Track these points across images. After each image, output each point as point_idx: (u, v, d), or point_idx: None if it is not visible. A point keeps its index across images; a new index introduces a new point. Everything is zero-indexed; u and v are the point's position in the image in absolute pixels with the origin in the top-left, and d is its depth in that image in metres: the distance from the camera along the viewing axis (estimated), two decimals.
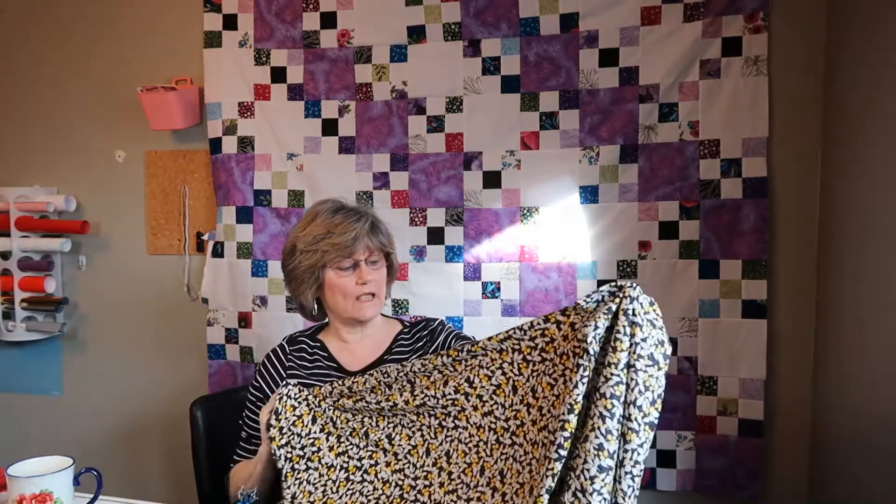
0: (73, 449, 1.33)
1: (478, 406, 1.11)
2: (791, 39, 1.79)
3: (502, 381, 1.09)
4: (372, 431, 1.21)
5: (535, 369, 1.06)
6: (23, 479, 1.11)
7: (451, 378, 1.13)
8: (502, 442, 1.08)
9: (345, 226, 1.35)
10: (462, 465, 1.11)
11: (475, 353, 1.12)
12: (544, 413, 1.03)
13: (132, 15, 2.27)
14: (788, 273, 1.83)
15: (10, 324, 2.31)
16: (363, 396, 1.19)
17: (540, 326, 1.06)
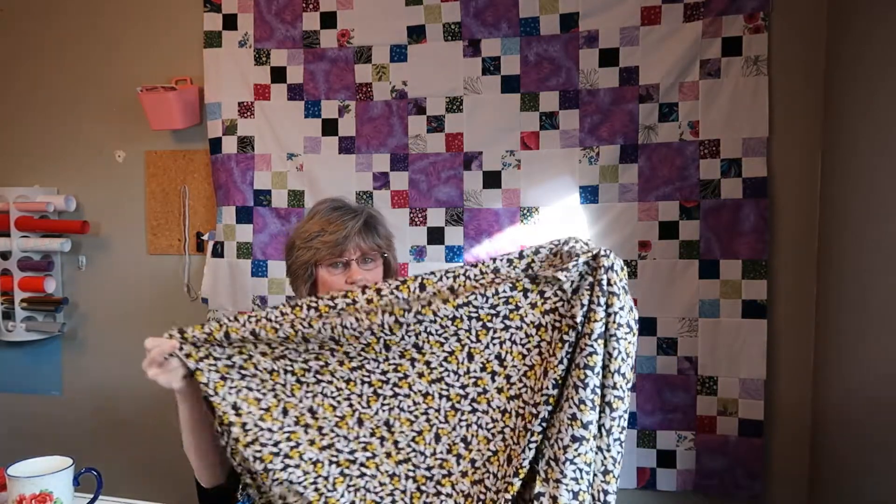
0: (73, 449, 1.33)
1: (424, 373, 1.05)
2: (791, 39, 1.79)
3: (456, 347, 1.04)
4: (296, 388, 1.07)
5: (498, 336, 1.03)
6: (23, 479, 1.11)
7: (393, 343, 1.04)
8: (459, 409, 1.05)
9: (337, 224, 1.35)
10: (410, 433, 1.05)
11: (423, 317, 1.02)
12: (513, 382, 1.02)
13: (132, 15, 2.27)
14: (788, 273, 1.83)
15: (10, 324, 2.31)
16: (285, 355, 1.07)
17: (504, 294, 1.01)
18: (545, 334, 1.01)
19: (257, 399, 1.05)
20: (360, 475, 1.05)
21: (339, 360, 1.06)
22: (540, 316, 1.01)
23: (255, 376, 1.05)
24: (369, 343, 1.03)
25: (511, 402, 1.02)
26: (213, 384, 1.04)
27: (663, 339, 1.89)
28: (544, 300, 1.00)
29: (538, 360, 1.01)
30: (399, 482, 1.05)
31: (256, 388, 1.05)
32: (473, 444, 1.03)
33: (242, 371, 1.05)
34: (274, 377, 1.06)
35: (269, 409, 1.05)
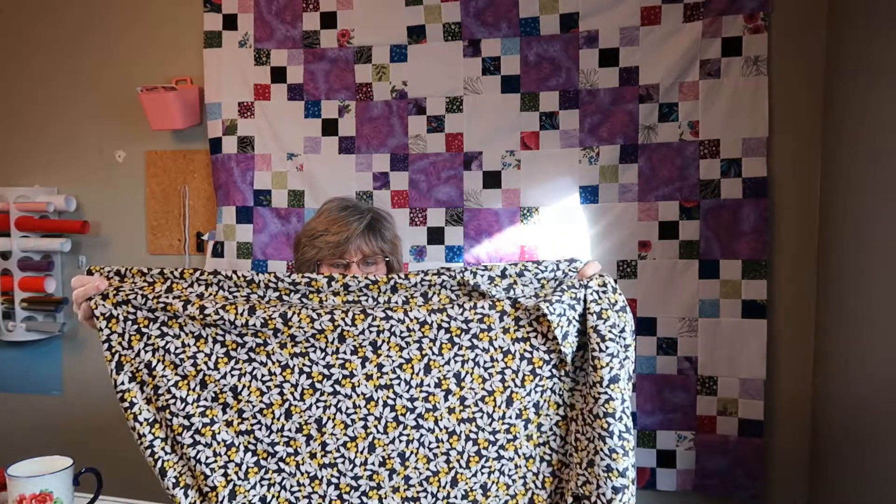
0: (73, 449, 1.33)
1: (373, 376, 0.96)
2: (791, 39, 1.79)
3: (415, 356, 0.95)
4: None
5: (462, 354, 0.95)
6: (23, 479, 1.11)
7: (350, 335, 0.95)
8: (402, 422, 0.96)
9: (341, 225, 1.34)
10: (342, 437, 0.97)
11: (392, 314, 0.94)
12: (468, 404, 0.96)
13: (132, 15, 2.27)
14: (788, 273, 1.83)
15: (10, 324, 2.31)
16: (217, 323, 0.96)
17: (480, 311, 0.93)
18: (511, 362, 0.95)
19: (174, 364, 0.95)
20: (277, 470, 0.97)
21: (282, 343, 0.95)
22: (510, 342, 0.95)
23: (178, 338, 0.95)
24: (323, 329, 0.94)
25: (462, 425, 0.96)
26: (129, 336, 0.96)
27: (663, 339, 1.89)
28: (518, 327, 0.95)
29: (499, 387, 0.95)
30: (319, 486, 0.97)
31: (175, 352, 0.95)
32: (411, 461, 0.97)
33: (164, 329, 0.95)
34: (199, 344, 0.96)
35: (185, 378, 0.95)
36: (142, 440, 0.96)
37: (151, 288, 0.96)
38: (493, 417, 0.96)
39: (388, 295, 0.96)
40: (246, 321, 0.94)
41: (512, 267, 0.95)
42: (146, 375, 0.95)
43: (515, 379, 0.95)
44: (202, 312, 0.94)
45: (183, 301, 0.95)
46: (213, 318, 0.94)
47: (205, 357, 0.96)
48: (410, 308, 0.94)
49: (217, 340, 0.96)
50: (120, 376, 0.96)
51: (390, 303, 0.96)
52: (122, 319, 0.96)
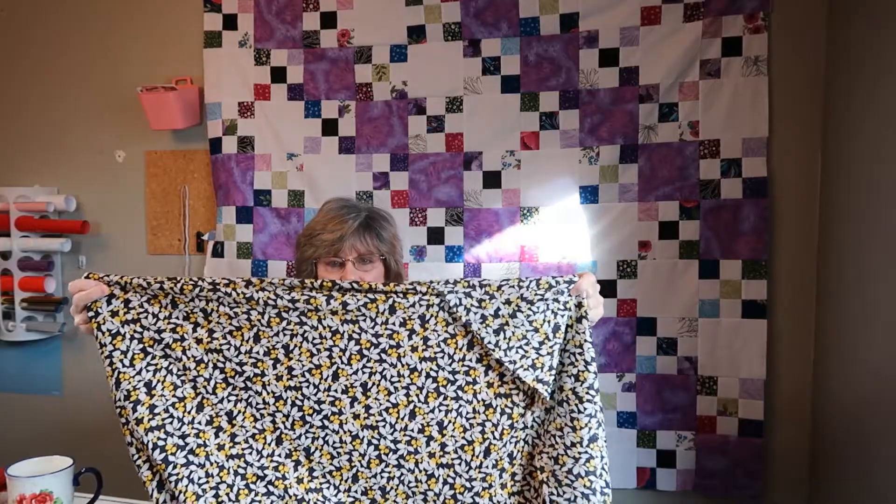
0: (73, 449, 1.33)
1: (360, 415, 1.00)
2: (791, 39, 1.79)
3: (402, 401, 1.00)
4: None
5: (446, 405, 1.00)
6: (23, 479, 1.11)
7: (344, 374, 0.99)
8: (385, 460, 1.02)
9: (337, 223, 1.35)
10: (328, 466, 1.03)
11: (386, 358, 0.99)
12: (448, 451, 1.01)
13: (132, 15, 2.27)
14: (788, 273, 1.83)
15: (10, 324, 2.31)
16: (221, 350, 0.99)
17: (468, 364, 0.99)
18: (492, 416, 1.00)
19: (174, 385, 0.99)
20: (266, 493, 1.01)
21: (278, 375, 1.00)
22: (493, 397, 1.00)
23: (180, 361, 0.99)
24: (320, 366, 0.99)
25: (441, 469, 1.01)
26: (132, 355, 0.97)
27: (663, 339, 1.89)
28: (502, 383, 1.00)
29: (479, 437, 1.01)
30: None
31: (177, 374, 0.99)
32: (391, 496, 1.03)
33: (168, 351, 0.98)
34: (199, 369, 0.99)
35: (183, 400, 0.99)
36: (138, 455, 1.00)
37: (158, 303, 0.99)
38: (470, 466, 1.01)
39: (386, 316, 0.98)
40: (250, 348, 0.99)
41: (506, 307, 0.97)
42: (143, 394, 0.98)
43: (495, 432, 1.01)
44: (210, 336, 0.99)
45: (192, 324, 0.98)
46: (220, 343, 0.99)
47: (204, 381, 1.00)
48: (403, 354, 0.99)
49: (217, 367, 1.00)
50: (118, 392, 0.98)
51: (388, 324, 0.98)
52: (129, 338, 0.98)
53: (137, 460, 0.99)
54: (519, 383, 1.00)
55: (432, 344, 0.99)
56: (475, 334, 0.98)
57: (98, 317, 0.98)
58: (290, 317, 0.98)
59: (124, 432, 0.99)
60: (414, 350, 0.99)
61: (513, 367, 0.97)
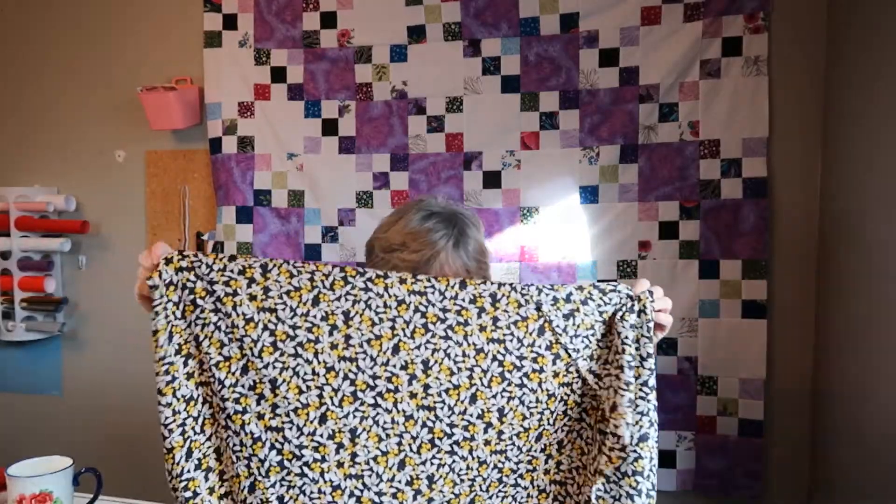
0: (73, 449, 1.33)
1: (417, 395, 0.93)
2: (791, 39, 1.79)
3: (464, 384, 0.93)
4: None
5: (509, 391, 0.95)
6: (23, 479, 1.11)
7: (406, 348, 0.93)
8: (437, 445, 0.95)
9: (422, 242, 1.12)
10: (374, 451, 0.95)
11: (452, 335, 0.92)
12: (504, 438, 0.96)
13: (132, 15, 2.27)
14: (788, 273, 1.83)
15: (10, 324, 2.31)
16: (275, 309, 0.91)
17: (537, 350, 0.95)
18: (552, 404, 0.96)
19: (221, 343, 0.91)
20: (300, 474, 0.93)
21: (333, 343, 0.91)
22: (556, 387, 0.95)
23: (229, 317, 0.90)
24: (380, 336, 0.92)
25: (493, 456, 0.96)
26: (184, 306, 0.91)
27: (663, 339, 1.89)
28: (567, 373, 0.96)
29: (535, 425, 0.96)
30: (340, 497, 0.94)
31: (224, 330, 0.90)
32: (437, 485, 0.96)
33: (219, 305, 0.90)
34: (248, 328, 0.90)
35: (228, 360, 0.91)
36: (174, 417, 0.92)
37: (216, 256, 0.91)
38: (521, 451, 0.97)
39: (456, 290, 0.93)
40: (307, 311, 0.91)
41: (578, 293, 0.94)
42: (193, 349, 0.92)
43: (550, 419, 0.97)
44: (266, 294, 0.90)
45: (248, 279, 0.90)
46: (275, 303, 0.90)
47: (251, 342, 0.90)
48: (469, 333, 0.92)
49: (267, 328, 0.91)
50: (169, 347, 0.92)
51: (457, 300, 0.92)
52: (181, 287, 0.91)
53: (171, 423, 0.92)
54: (580, 373, 0.97)
55: (502, 325, 0.93)
56: (546, 317, 0.94)
57: (158, 269, 0.91)
58: (356, 281, 0.91)
59: (164, 392, 0.92)
60: (482, 330, 0.93)
61: (575, 355, 0.94)
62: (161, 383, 0.93)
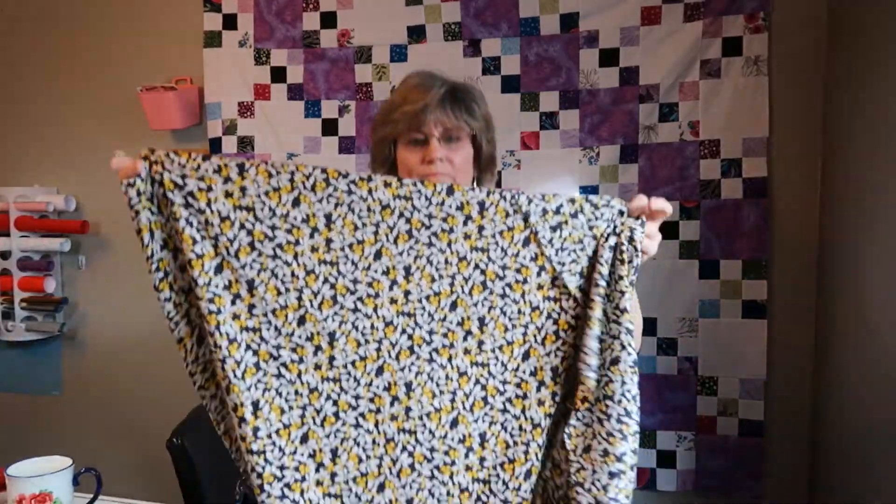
0: (73, 449, 1.33)
1: (398, 300, 0.92)
2: (791, 39, 1.79)
3: (445, 290, 0.92)
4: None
5: (491, 300, 0.93)
6: (23, 479, 1.11)
7: (388, 254, 0.91)
8: (416, 352, 0.93)
9: (420, 92, 1.14)
10: (351, 355, 0.93)
11: (436, 242, 0.91)
12: (485, 349, 0.94)
13: (132, 15, 2.27)
14: (788, 273, 1.83)
15: (10, 324, 2.30)
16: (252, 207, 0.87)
17: (521, 261, 0.92)
18: (537, 319, 0.93)
19: (192, 239, 0.86)
20: (276, 374, 0.90)
21: (314, 246, 0.89)
22: (541, 300, 0.93)
23: (202, 213, 0.86)
24: (362, 241, 0.89)
25: (474, 368, 0.94)
26: (158, 201, 0.88)
27: (663, 339, 1.89)
28: (552, 286, 0.93)
29: (520, 339, 0.94)
30: (317, 399, 0.92)
31: (197, 227, 0.86)
32: (416, 393, 0.93)
33: (190, 200, 0.86)
34: (224, 226, 0.87)
35: (201, 257, 0.87)
36: (177, 310, 0.90)
37: (189, 156, 0.88)
38: (506, 367, 0.94)
39: (444, 196, 0.90)
40: (287, 212, 0.87)
41: (569, 205, 0.92)
42: (192, 252, 0.87)
43: (537, 335, 0.94)
44: (243, 192, 0.87)
45: (223, 177, 0.86)
46: (253, 202, 0.87)
47: (227, 241, 0.87)
48: (454, 240, 0.91)
49: (244, 227, 0.87)
50: (153, 244, 0.88)
51: (444, 206, 0.90)
52: (153, 182, 0.88)
53: (175, 316, 0.90)
54: (568, 289, 0.94)
55: (487, 234, 0.92)
56: (532, 229, 0.92)
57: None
58: (339, 183, 0.88)
59: (162, 287, 0.89)
60: (467, 238, 0.91)
61: (560, 268, 0.92)
62: (156, 280, 0.89)
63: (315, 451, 0.92)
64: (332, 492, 0.93)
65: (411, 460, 0.94)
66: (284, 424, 0.90)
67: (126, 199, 0.87)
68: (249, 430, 0.88)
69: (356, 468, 0.93)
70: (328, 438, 0.92)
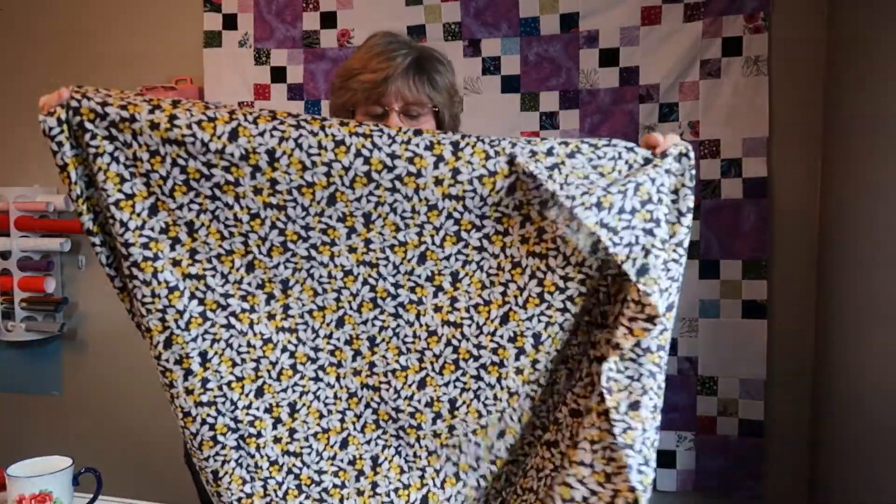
0: (73, 449, 1.33)
1: (357, 249, 0.81)
2: (791, 39, 1.79)
3: (412, 241, 0.81)
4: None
5: (466, 254, 0.82)
6: (23, 479, 1.11)
7: (343, 199, 0.80)
8: (380, 305, 0.83)
9: (381, 60, 1.04)
10: (309, 304, 0.84)
11: (400, 187, 0.79)
12: (458, 307, 0.84)
13: (132, 15, 2.27)
14: (788, 273, 1.83)
15: (10, 324, 2.30)
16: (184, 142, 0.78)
17: (502, 210, 0.80)
18: (519, 277, 0.81)
19: (119, 178, 0.77)
20: (226, 325, 0.82)
21: (257, 187, 0.78)
22: (524, 255, 0.81)
23: (129, 147, 0.77)
24: (313, 184, 0.78)
25: (445, 328, 0.83)
26: (75, 132, 0.78)
27: None
28: (539, 241, 0.80)
29: (498, 299, 0.82)
30: (272, 351, 0.84)
31: (125, 163, 0.77)
32: (380, 349, 0.85)
33: (114, 131, 0.77)
34: (154, 162, 0.77)
35: (131, 197, 0.78)
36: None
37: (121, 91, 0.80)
38: (482, 330, 0.83)
39: (410, 136, 0.78)
40: (222, 147, 0.77)
41: (562, 147, 0.79)
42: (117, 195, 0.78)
43: (518, 297, 0.82)
44: (171, 123, 0.76)
45: (152, 105, 0.77)
46: (182, 134, 0.76)
47: (159, 179, 0.77)
48: (423, 185, 0.78)
49: (177, 164, 0.77)
50: (78, 185, 0.80)
51: (409, 145, 0.77)
52: (71, 111, 0.78)
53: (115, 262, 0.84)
54: (560, 243, 0.79)
55: (463, 179, 0.79)
56: (519, 173, 0.78)
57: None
58: (286, 119, 0.79)
59: (95, 230, 0.82)
60: (438, 183, 0.78)
61: (569, 203, 0.75)
62: (87, 223, 0.82)
63: (271, 405, 0.84)
64: (290, 449, 0.85)
65: (375, 417, 0.86)
66: (237, 377, 0.83)
67: (44, 131, 0.78)
68: (198, 382, 0.81)
69: (317, 423, 0.85)
70: (285, 393, 0.84)
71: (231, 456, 0.83)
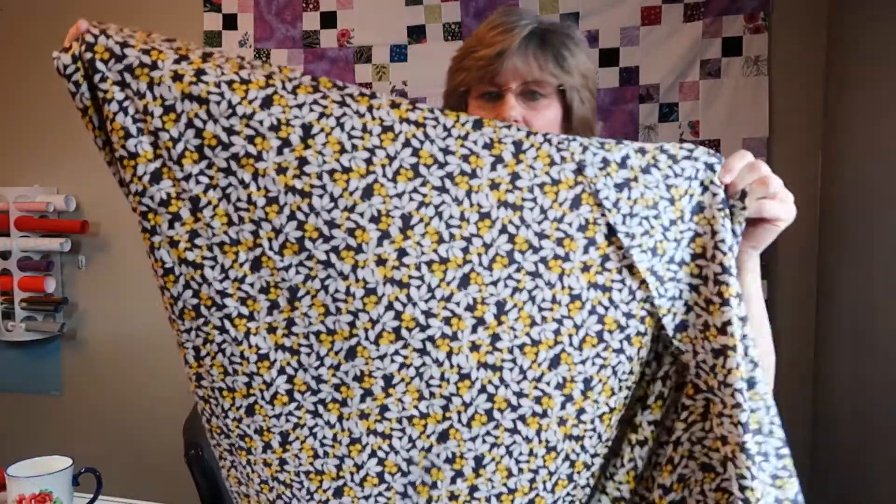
0: (73, 449, 1.33)
1: (387, 260, 0.66)
2: (791, 39, 1.79)
3: (455, 257, 0.67)
4: None
5: (516, 278, 0.68)
6: (22, 479, 1.11)
7: (383, 194, 0.66)
8: (404, 338, 0.68)
9: (496, 34, 0.88)
10: (317, 323, 0.70)
11: (450, 186, 0.66)
12: (500, 348, 0.68)
13: (132, 15, 2.27)
14: (788, 273, 1.83)
15: (10, 324, 2.31)
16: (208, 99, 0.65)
17: (563, 229, 0.67)
18: (575, 312, 0.67)
19: (125, 133, 0.68)
20: (219, 327, 0.71)
21: (281, 166, 0.65)
22: (584, 287, 0.67)
23: (143, 98, 0.67)
24: (349, 169, 0.65)
25: (481, 371, 0.69)
26: (89, 72, 0.72)
27: None
28: (602, 269, 0.67)
29: (549, 339, 0.67)
30: (267, 371, 0.72)
31: (134, 115, 0.68)
32: (396, 390, 0.70)
33: (128, 77, 0.69)
34: (167, 121, 0.66)
35: (135, 157, 0.69)
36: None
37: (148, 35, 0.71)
38: (525, 376, 0.68)
39: (468, 129, 0.66)
40: (251, 113, 0.64)
41: (637, 157, 0.67)
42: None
43: (574, 336, 0.67)
44: (198, 77, 0.65)
45: (179, 55, 0.67)
46: (207, 90, 0.65)
47: (168, 141, 0.66)
48: (477, 188, 0.66)
49: (193, 125, 0.66)
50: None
51: (466, 140, 0.66)
52: (89, 48, 0.70)
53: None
54: (627, 274, 0.67)
55: (523, 186, 0.66)
56: (587, 185, 0.66)
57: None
58: (330, 92, 0.66)
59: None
60: (494, 187, 0.66)
61: (628, 242, 0.66)
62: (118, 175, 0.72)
63: (262, 428, 0.72)
64: (281, 478, 0.74)
65: (380, 469, 0.71)
66: (228, 387, 0.72)
67: (58, 69, 0.71)
68: (193, 375, 0.75)
69: (310, 462, 0.73)
70: (278, 420, 0.72)
71: (227, 457, 0.80)
